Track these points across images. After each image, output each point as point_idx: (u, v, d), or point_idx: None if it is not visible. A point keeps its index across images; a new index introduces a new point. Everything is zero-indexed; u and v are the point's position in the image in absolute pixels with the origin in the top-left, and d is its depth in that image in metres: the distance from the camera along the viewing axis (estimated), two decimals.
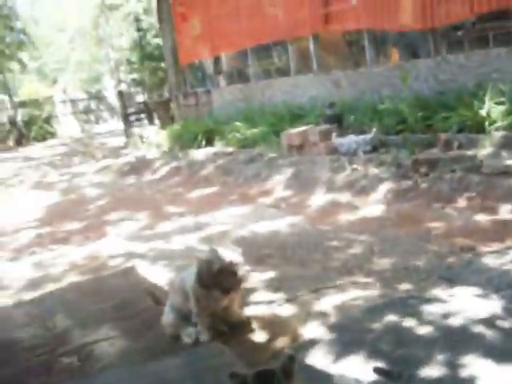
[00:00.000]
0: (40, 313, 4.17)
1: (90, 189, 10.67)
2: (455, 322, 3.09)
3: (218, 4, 13.34)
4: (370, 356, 2.81)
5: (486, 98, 7.41)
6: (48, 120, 26.33)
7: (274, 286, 3.93)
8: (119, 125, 20.83)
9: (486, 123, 7.23)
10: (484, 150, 6.82)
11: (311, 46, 11.62)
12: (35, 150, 20.28)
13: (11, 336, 3.78)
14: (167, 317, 3.47)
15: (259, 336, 3.32)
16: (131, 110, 18.63)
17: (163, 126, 14.77)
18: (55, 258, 5.80)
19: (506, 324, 3.01)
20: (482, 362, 2.65)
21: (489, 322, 3.05)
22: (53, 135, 25.85)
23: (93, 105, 29.58)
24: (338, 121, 9.18)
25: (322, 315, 3.37)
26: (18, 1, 38.69)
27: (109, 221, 7.70)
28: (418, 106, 8.40)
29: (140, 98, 25.15)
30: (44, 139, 24.83)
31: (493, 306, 3.36)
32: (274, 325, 3.40)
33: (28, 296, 4.63)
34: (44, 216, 8.66)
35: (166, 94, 17.36)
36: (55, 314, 4.07)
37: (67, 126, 27.24)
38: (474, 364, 2.63)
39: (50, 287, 4.78)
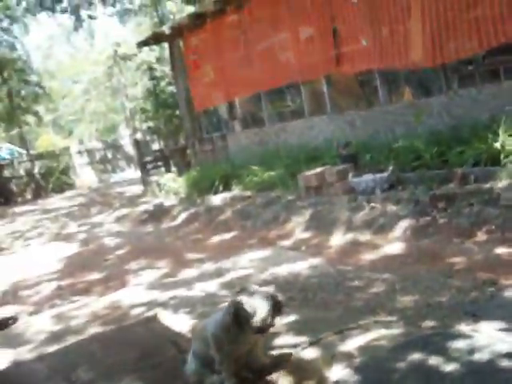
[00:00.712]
0: (63, 365, 4.18)
1: (109, 238, 10.75)
2: (481, 356, 3.04)
3: (230, 50, 13.59)
4: None
5: (500, 131, 7.43)
6: (65, 171, 26.71)
7: (296, 329, 3.91)
8: (136, 173, 21.07)
9: (501, 156, 7.24)
10: (500, 183, 6.81)
11: (324, 88, 11.76)
12: (53, 201, 20.54)
13: None
14: (190, 365, 3.46)
15: (285, 381, 3.29)
16: (148, 158, 18.86)
17: (180, 173, 14.92)
18: (76, 310, 5.83)
19: None
20: None
21: None
22: (70, 186, 26.18)
23: (109, 154, 29.96)
24: (354, 160, 9.23)
25: (347, 356, 3.33)
26: (32, 54, 39.74)
27: (129, 270, 7.74)
28: (432, 142, 8.44)
29: (156, 146, 25.50)
30: (62, 190, 25.14)
31: None
32: (299, 368, 3.37)
33: (50, 349, 4.64)
34: (64, 267, 8.72)
35: (182, 141, 17.58)
36: (78, 367, 4.08)
37: (84, 177, 27.58)
38: None
39: (72, 339, 4.79)
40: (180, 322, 4.55)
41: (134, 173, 24.52)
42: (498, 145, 7.34)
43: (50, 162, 26.47)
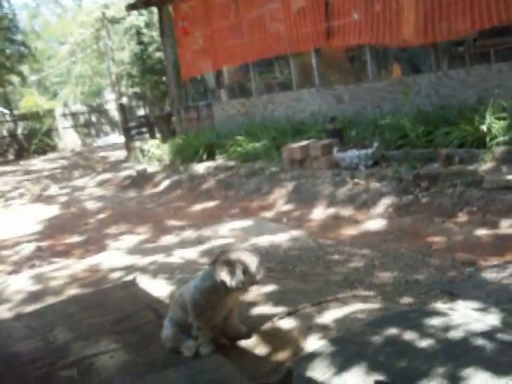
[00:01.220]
0: (40, 326, 4.16)
1: (91, 202, 10.70)
2: (456, 334, 3.08)
3: (220, 18, 13.41)
4: (371, 369, 2.80)
5: (487, 114, 7.44)
6: (48, 133, 26.39)
7: (275, 299, 3.92)
8: (120, 138, 20.88)
9: (487, 138, 7.26)
10: (485, 165, 6.84)
11: (313, 61, 11.67)
12: (35, 163, 20.34)
13: (11, 349, 3.77)
14: (167, 331, 3.46)
15: (260, 349, 3.31)
16: (132, 123, 18.67)
17: (164, 140, 14.80)
18: (55, 271, 5.79)
19: (505, 337, 3.00)
20: (482, 374, 2.64)
21: (489, 334, 3.04)
22: (53, 148, 25.91)
23: (94, 118, 29.60)
24: (340, 135, 9.21)
25: (323, 328, 3.35)
26: (18, 12, 38.92)
27: (109, 234, 7.71)
28: (419, 121, 8.44)
29: (141, 112, 25.28)
30: (44, 152, 24.89)
31: (493, 318, 3.37)
32: (275, 338, 3.38)
33: (28, 309, 4.62)
34: (44, 229, 8.68)
35: (168, 108, 17.39)
36: (56, 327, 4.06)
37: (68, 140, 27.28)
38: (473, 377, 2.61)
39: (51, 300, 4.77)
40: (159, 288, 4.55)
41: (117, 138, 24.32)
42: (484, 127, 7.36)
43: (34, 123, 26.12)
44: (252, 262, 3.16)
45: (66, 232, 8.22)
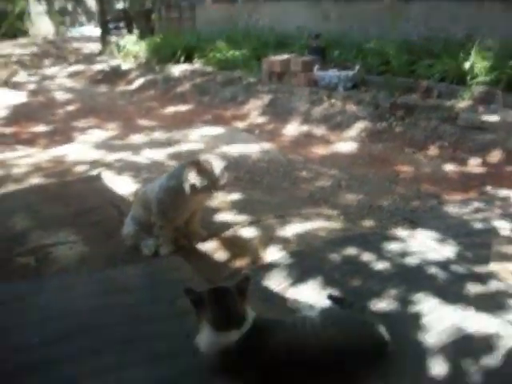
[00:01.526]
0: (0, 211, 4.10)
1: (60, 93, 10.41)
2: (412, 261, 3.15)
3: None
4: (326, 284, 2.86)
5: (473, 51, 7.35)
6: (20, 17, 25.23)
7: (239, 207, 3.93)
8: (96, 31, 20.11)
9: (469, 76, 7.21)
10: (462, 103, 6.83)
11: None
12: (4, 46, 19.52)
13: None
14: (128, 228, 3.45)
15: (219, 254, 3.34)
16: (110, 16, 17.98)
17: (142, 37, 14.30)
18: (19, 159, 5.67)
19: (459, 269, 3.08)
20: (431, 300, 2.72)
21: (443, 265, 3.12)
22: (24, 34, 24.85)
23: (70, 6, 28.35)
24: (322, 54, 9.04)
25: (284, 241, 3.39)
26: None
27: (77, 127, 7.57)
28: (403, 50, 8.32)
29: (120, 5, 24.24)
30: (15, 37, 23.89)
31: (449, 250, 3.45)
32: (235, 245, 3.41)
33: None
34: (10, 115, 8.45)
35: (149, 4, 16.70)
36: (15, 214, 4.01)
37: (40, 26, 26.16)
38: (423, 302, 2.69)
39: (12, 187, 4.70)
40: (123, 185, 4.50)
41: (93, 30, 23.39)
42: (467, 64, 7.29)
43: (5, 4, 24.89)
44: (218, 167, 3.13)
45: (33, 120, 8.02)
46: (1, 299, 2.80)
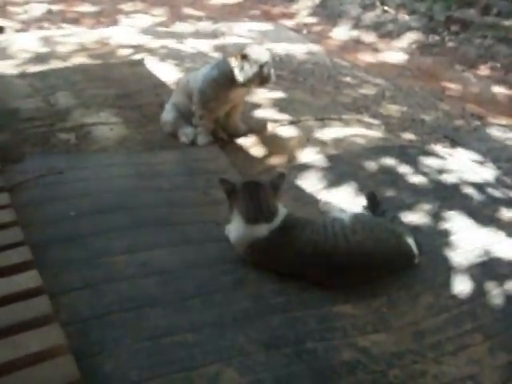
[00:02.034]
0: (43, 87, 4.13)
1: None
2: (448, 179, 3.12)
3: None
4: (360, 191, 2.87)
5: None
6: None
7: (280, 106, 3.89)
8: None
9: None
10: None
11: None
12: None
13: (13, 105, 3.77)
14: (168, 115, 3.46)
15: (256, 150, 3.35)
16: None
17: None
18: (64, 37, 5.62)
19: (495, 193, 3.05)
20: (463, 220, 2.71)
21: (479, 186, 3.08)
22: None
23: None
24: None
25: (322, 144, 3.37)
26: None
27: (123, 10, 7.45)
28: None
29: None
30: None
31: (488, 173, 3.39)
32: (273, 143, 3.41)
33: (33, 69, 4.55)
34: None
35: None
36: (58, 91, 4.04)
37: None
38: (454, 220, 2.69)
39: (57, 64, 4.69)
40: (166, 72, 4.47)
41: None
42: None
43: None
44: (265, 60, 3.07)
45: None
46: (40, 171, 2.87)
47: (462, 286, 2.27)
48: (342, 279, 2.20)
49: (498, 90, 5.59)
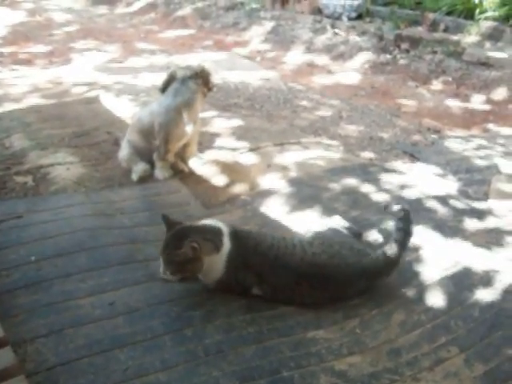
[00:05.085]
0: None
1: (59, 13, 10.12)
2: (411, 193, 3.16)
3: None
4: (324, 213, 2.86)
5: None
6: None
7: (238, 134, 3.89)
8: None
9: (477, 11, 7.04)
10: (469, 38, 6.69)
11: None
12: None
13: None
14: (122, 151, 3.44)
15: (218, 180, 3.32)
16: None
17: None
18: (16, 79, 5.56)
19: (457, 204, 3.09)
20: (429, 233, 2.73)
21: (442, 199, 3.12)
22: None
23: None
24: None
25: (283, 168, 3.37)
26: None
27: (75, 48, 7.40)
28: None
29: None
30: None
31: (448, 186, 3.44)
32: (234, 171, 3.40)
33: None
34: (7, 35, 8.23)
35: None
36: (13, 134, 3.97)
37: None
38: (421, 234, 2.70)
39: (10, 107, 4.62)
40: (121, 108, 4.44)
41: None
42: None
43: None
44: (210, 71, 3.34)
45: (30, 40, 7.83)
46: None
47: (434, 299, 2.27)
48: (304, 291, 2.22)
49: (452, 103, 5.70)
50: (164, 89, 3.35)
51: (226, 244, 2.19)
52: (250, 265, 2.21)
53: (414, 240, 2.64)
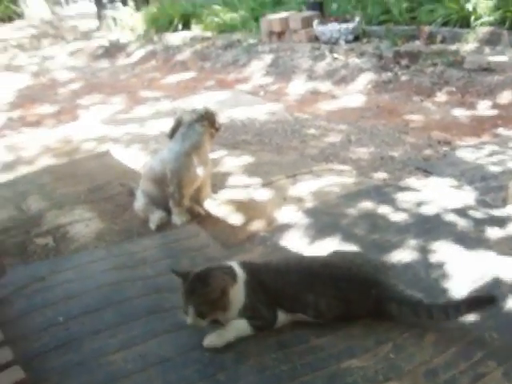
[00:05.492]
0: (14, 195, 4.11)
1: (62, 72, 10.32)
2: (428, 210, 3.14)
3: None
4: (345, 240, 2.85)
5: None
6: (14, 0, 24.93)
7: (250, 170, 3.91)
8: (91, 6, 19.89)
9: (472, 18, 7.07)
10: (467, 46, 6.72)
11: None
12: (2, 31, 19.39)
13: None
14: (138, 202, 3.49)
15: (235, 219, 3.33)
16: None
17: (138, 8, 14.10)
18: (27, 141, 5.67)
19: (477, 214, 3.06)
20: (452, 248, 2.71)
21: (461, 211, 3.10)
22: (20, 16, 24.58)
23: None
24: (320, 8, 8.90)
25: (298, 200, 3.38)
26: None
27: (82, 105, 7.53)
28: None
29: None
30: (10, 20, 23.64)
31: (465, 196, 3.42)
32: (250, 208, 3.41)
33: (1, 178, 4.55)
34: (14, 99, 8.39)
35: None
36: (29, 197, 4.03)
37: (35, 7, 25.89)
38: (443, 250, 2.68)
39: (24, 170, 4.70)
40: (132, 158, 4.50)
41: (88, 6, 23.16)
42: (469, 6, 7.13)
43: None
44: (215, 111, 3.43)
45: (37, 102, 7.98)
46: (23, 281, 2.82)
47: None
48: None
49: (459, 112, 5.70)
50: (172, 135, 3.39)
51: (239, 272, 2.24)
52: (266, 283, 2.25)
53: (438, 256, 2.63)
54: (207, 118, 3.34)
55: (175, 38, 10.61)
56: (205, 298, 2.14)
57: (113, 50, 11.54)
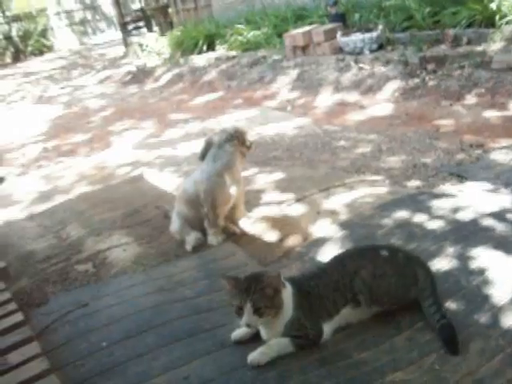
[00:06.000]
0: (53, 224, 4.22)
1: (93, 100, 10.53)
2: (465, 216, 3.10)
3: None
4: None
5: None
6: (44, 33, 25.52)
7: (282, 186, 3.93)
8: (117, 34, 20.27)
9: (497, 17, 6.97)
10: (494, 45, 6.62)
11: None
12: (33, 64, 19.84)
13: (26, 248, 3.84)
14: (174, 224, 3.53)
15: (271, 235, 3.35)
16: (128, 18, 18.04)
17: (162, 33, 14.34)
18: (63, 170, 5.81)
19: None
20: (491, 253, 2.67)
21: (498, 215, 3.05)
22: (50, 49, 25.14)
23: (89, 15, 28.57)
24: (343, 19, 8.87)
25: (332, 213, 3.37)
26: None
27: (114, 131, 7.65)
28: (425, 1, 8.06)
29: (136, 5, 24.34)
30: (41, 53, 24.20)
31: (502, 200, 3.36)
32: (284, 224, 3.42)
33: (39, 208, 4.67)
34: (48, 130, 8.59)
35: (164, 0, 16.69)
36: (68, 224, 4.12)
37: (64, 39, 26.50)
38: (483, 256, 2.64)
39: (61, 198, 4.82)
40: (166, 181, 4.56)
41: (114, 34, 23.61)
42: (493, 5, 7.03)
43: (28, 23, 25.20)
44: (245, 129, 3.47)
45: (70, 131, 8.15)
46: (66, 308, 2.87)
47: (509, 321, 2.19)
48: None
49: (490, 114, 5.61)
50: (203, 156, 3.43)
51: (286, 284, 2.26)
52: (309, 291, 2.29)
53: (478, 262, 2.59)
54: (237, 137, 3.36)
55: (201, 59, 10.73)
56: (263, 293, 2.17)
57: (141, 75, 11.73)
